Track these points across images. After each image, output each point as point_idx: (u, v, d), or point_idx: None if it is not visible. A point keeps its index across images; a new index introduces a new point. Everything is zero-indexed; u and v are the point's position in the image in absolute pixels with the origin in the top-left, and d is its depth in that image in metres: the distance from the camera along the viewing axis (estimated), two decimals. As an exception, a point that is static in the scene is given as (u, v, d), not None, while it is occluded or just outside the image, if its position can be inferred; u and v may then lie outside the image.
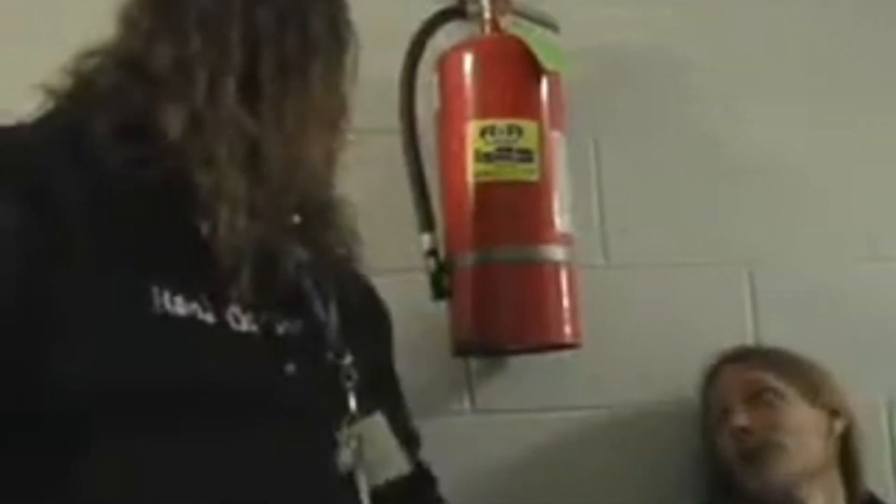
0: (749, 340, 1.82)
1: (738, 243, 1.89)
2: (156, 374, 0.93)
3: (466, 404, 1.76)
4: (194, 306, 0.98)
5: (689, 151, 1.90)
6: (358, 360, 1.10)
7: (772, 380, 1.65)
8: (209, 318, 0.99)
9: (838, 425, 1.67)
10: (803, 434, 1.64)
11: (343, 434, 1.05)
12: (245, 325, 1.02)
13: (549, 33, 1.76)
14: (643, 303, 1.83)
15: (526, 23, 1.75)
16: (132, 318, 0.94)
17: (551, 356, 1.70)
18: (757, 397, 1.65)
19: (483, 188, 1.65)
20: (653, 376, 1.79)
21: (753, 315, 1.88)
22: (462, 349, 1.69)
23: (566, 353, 1.69)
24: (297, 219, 1.10)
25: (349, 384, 1.07)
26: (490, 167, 1.64)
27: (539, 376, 1.76)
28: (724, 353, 1.72)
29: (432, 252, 1.67)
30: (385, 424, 1.09)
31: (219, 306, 1.00)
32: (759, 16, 1.97)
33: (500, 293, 1.63)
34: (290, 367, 1.03)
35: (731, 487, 1.66)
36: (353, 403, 1.06)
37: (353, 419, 1.06)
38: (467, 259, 1.64)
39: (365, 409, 1.08)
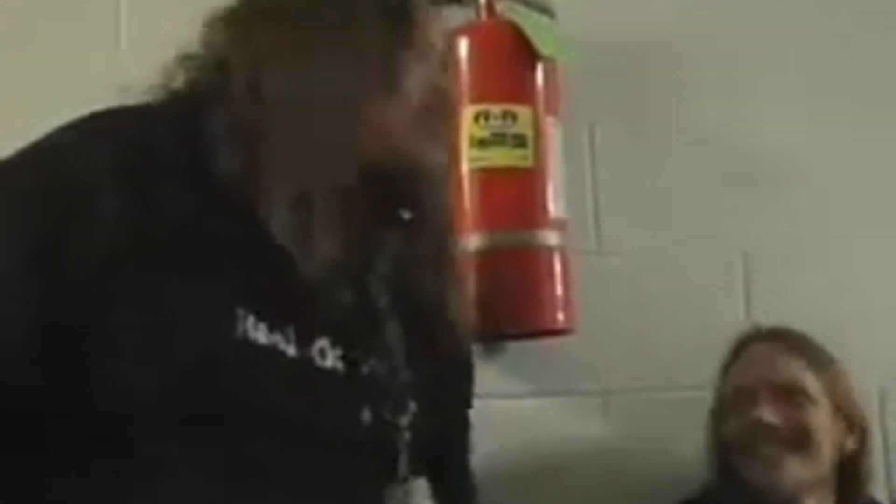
0: (742, 327, 1.81)
1: (732, 231, 1.90)
2: (223, 399, 0.90)
3: (459, 389, 1.76)
4: (277, 336, 0.94)
5: (684, 139, 1.91)
6: (425, 407, 1.05)
7: (810, 383, 1.60)
8: (291, 350, 0.95)
9: (850, 441, 1.63)
10: (822, 443, 1.60)
11: (390, 492, 1.02)
12: (330, 360, 0.98)
13: (545, 19, 1.75)
14: (636, 289, 1.83)
15: (522, 8, 1.74)
16: (212, 337, 0.91)
17: (544, 342, 1.70)
18: (789, 396, 1.59)
19: (477, 174, 1.65)
20: (646, 362, 1.79)
21: (746, 302, 1.88)
22: (455, 334, 1.69)
23: (559, 339, 1.69)
24: (406, 215, 1.06)
25: (402, 443, 1.02)
26: (484, 153, 1.64)
27: (532, 362, 1.76)
28: (757, 329, 1.68)
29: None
30: (426, 489, 1.05)
31: (304, 339, 0.96)
32: (757, 6, 1.97)
33: (494, 278, 1.63)
34: (367, 415, 1.00)
35: (730, 472, 1.64)
36: (402, 464, 1.02)
37: (403, 479, 1.02)
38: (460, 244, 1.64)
39: (414, 469, 1.04)
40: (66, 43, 1.59)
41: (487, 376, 1.76)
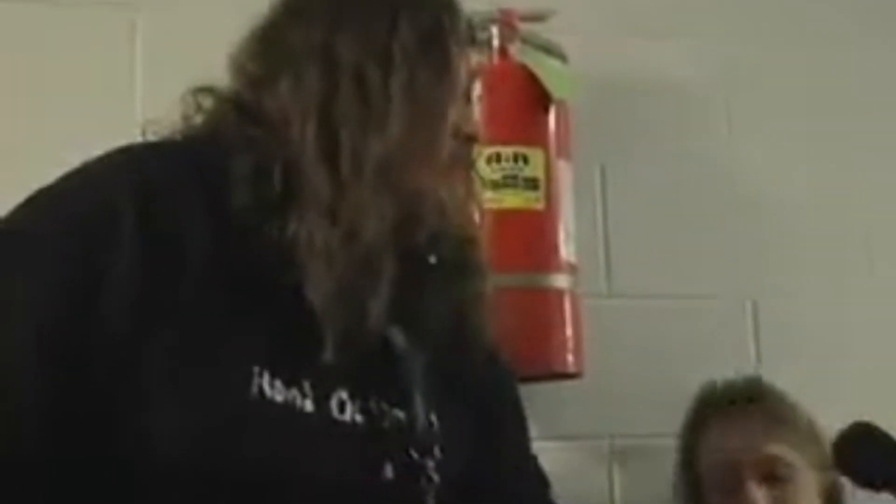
0: (751, 372, 1.81)
1: (742, 274, 1.90)
2: (242, 461, 0.88)
3: (467, 431, 1.75)
4: (294, 392, 0.91)
5: (694, 182, 1.91)
6: (454, 450, 1.01)
7: (788, 455, 1.57)
8: (308, 405, 0.91)
9: (829, 475, 1.59)
10: None
11: None
12: (349, 413, 0.94)
13: (557, 62, 1.76)
14: (645, 333, 1.83)
15: (534, 51, 1.75)
16: (230, 399, 0.88)
17: (553, 385, 1.70)
18: (772, 475, 1.56)
19: (488, 215, 1.64)
20: (653, 407, 1.78)
21: (756, 347, 1.88)
22: (464, 376, 1.68)
23: (567, 382, 1.68)
24: (433, 259, 1.03)
25: (429, 487, 0.98)
26: (496, 195, 1.64)
27: (539, 405, 1.75)
28: (714, 392, 1.66)
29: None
30: None
31: (321, 392, 0.92)
32: (763, 49, 1.98)
33: (504, 320, 1.61)
34: (389, 470, 0.96)
35: None
36: None
37: None
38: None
39: None
40: (81, 90, 1.59)
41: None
